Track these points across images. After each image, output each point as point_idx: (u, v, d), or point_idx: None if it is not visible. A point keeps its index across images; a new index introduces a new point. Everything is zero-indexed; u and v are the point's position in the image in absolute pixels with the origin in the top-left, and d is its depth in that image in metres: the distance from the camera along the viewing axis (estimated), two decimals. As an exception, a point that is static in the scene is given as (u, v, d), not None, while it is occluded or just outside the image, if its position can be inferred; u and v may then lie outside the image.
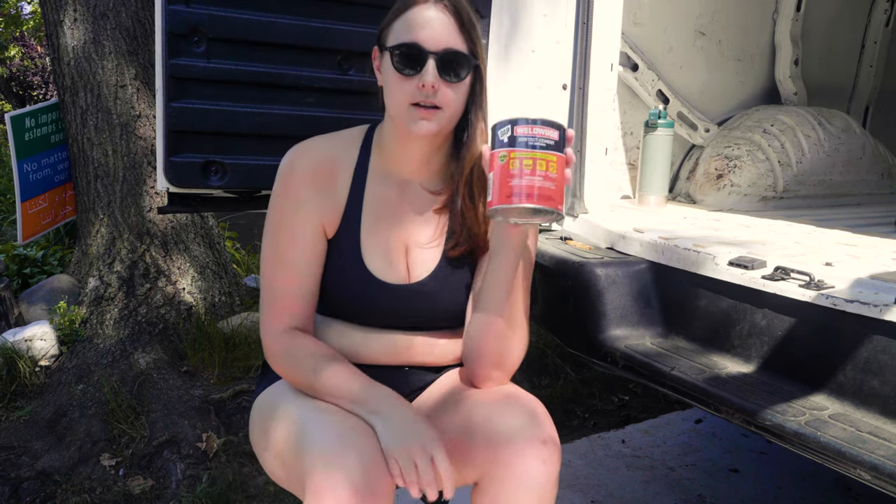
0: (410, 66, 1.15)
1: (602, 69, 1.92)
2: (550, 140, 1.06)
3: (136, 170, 3.18)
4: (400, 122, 1.19)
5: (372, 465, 1.05)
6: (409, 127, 1.18)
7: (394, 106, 1.19)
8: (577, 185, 1.94)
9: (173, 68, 1.63)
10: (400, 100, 1.17)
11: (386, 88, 1.21)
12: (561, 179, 1.07)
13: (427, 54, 1.15)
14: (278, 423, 1.19)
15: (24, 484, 2.30)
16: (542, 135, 1.05)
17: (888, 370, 1.16)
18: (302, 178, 1.24)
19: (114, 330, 2.98)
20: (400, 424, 1.11)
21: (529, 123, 1.06)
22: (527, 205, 1.05)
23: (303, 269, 1.24)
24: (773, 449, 2.66)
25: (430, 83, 1.14)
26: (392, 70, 1.17)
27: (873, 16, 2.97)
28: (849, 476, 1.12)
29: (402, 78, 1.16)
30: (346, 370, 1.19)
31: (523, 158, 1.05)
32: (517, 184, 1.05)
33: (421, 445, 1.08)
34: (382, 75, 1.22)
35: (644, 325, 1.60)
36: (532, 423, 1.13)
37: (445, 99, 1.17)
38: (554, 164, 1.05)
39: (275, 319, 1.24)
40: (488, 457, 1.12)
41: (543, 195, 1.04)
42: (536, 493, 1.10)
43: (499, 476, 1.11)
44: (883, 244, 1.72)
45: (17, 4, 7.67)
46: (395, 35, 1.18)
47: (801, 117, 2.54)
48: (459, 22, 1.18)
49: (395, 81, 1.17)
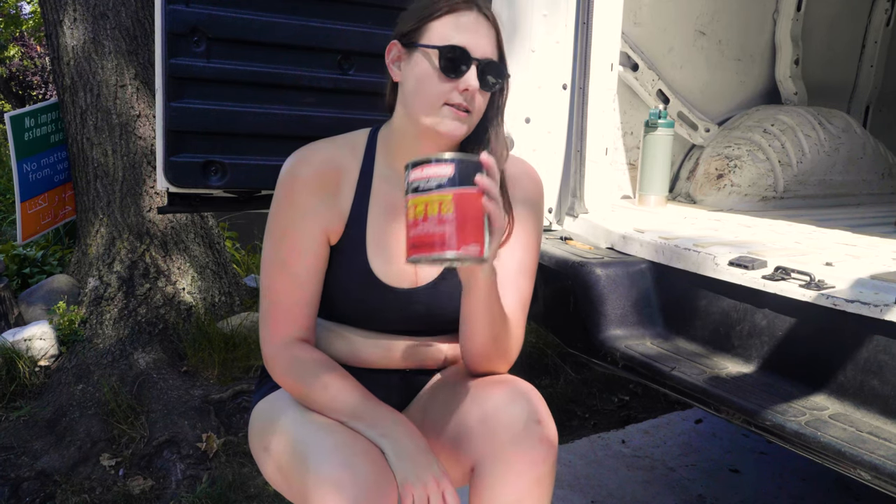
0: (455, 69, 1.15)
1: (602, 69, 1.92)
2: (442, 177, 0.96)
3: (135, 170, 3.18)
4: (427, 121, 1.17)
5: (373, 485, 1.05)
6: (440, 126, 1.16)
7: (423, 104, 1.17)
8: (577, 185, 1.94)
9: (173, 68, 1.62)
10: (434, 97, 1.16)
11: (416, 85, 1.18)
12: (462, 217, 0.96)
13: (472, 60, 1.16)
14: (278, 437, 1.19)
15: (23, 484, 2.30)
16: (433, 175, 0.96)
17: (888, 370, 1.16)
18: (304, 186, 1.22)
19: (113, 330, 2.98)
20: (413, 456, 1.12)
21: (421, 164, 0.98)
22: (417, 257, 0.97)
23: (305, 280, 1.23)
24: (773, 449, 2.66)
25: (474, 88, 1.15)
26: (433, 69, 1.16)
27: (874, 16, 2.97)
28: (849, 476, 1.12)
29: (444, 78, 1.15)
30: (347, 384, 1.19)
31: (416, 206, 0.97)
32: (412, 234, 0.98)
33: (436, 481, 1.09)
34: (406, 71, 1.20)
35: (644, 325, 1.60)
36: (531, 417, 1.12)
37: (477, 105, 1.18)
38: (449, 203, 0.95)
39: (275, 330, 1.23)
40: (486, 450, 1.11)
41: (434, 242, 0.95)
42: (534, 487, 1.10)
43: (497, 469, 1.10)
44: (883, 244, 1.72)
45: (17, 4, 7.68)
46: (438, 35, 1.16)
47: (802, 117, 2.54)
48: (496, 32, 1.20)
49: (435, 80, 1.16)
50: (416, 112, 1.18)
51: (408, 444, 1.13)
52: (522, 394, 1.15)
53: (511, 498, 1.09)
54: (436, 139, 1.19)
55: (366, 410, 1.16)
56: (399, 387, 1.33)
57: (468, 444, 1.14)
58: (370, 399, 1.18)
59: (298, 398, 1.23)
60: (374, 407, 1.17)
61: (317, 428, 1.15)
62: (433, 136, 1.18)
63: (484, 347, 1.20)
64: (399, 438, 1.13)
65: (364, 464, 1.07)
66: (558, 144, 1.95)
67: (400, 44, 1.21)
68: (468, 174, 0.97)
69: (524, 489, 1.09)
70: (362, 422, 1.15)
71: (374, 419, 1.15)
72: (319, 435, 1.13)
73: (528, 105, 1.91)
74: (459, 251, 0.96)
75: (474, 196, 0.98)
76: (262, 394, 1.34)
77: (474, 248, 0.97)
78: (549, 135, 1.94)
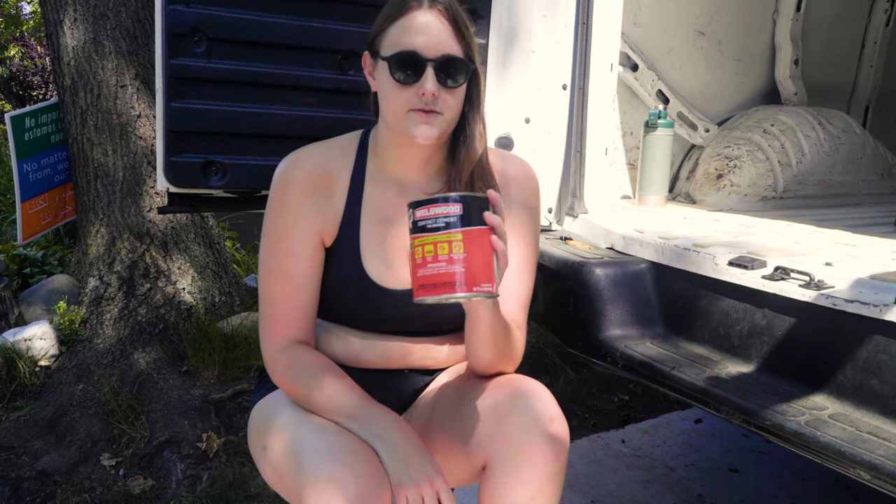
0: (409, 75, 1.13)
1: (602, 69, 1.92)
2: (451, 216, 0.96)
3: (135, 170, 3.18)
4: (399, 129, 1.18)
5: (366, 485, 1.06)
6: (411, 132, 1.16)
7: (391, 113, 1.17)
8: (577, 185, 1.94)
9: (173, 68, 1.63)
10: (398, 107, 1.16)
11: (382, 95, 1.19)
12: (472, 256, 0.96)
13: (426, 62, 1.13)
14: (274, 437, 1.20)
15: (24, 484, 2.30)
16: (441, 213, 0.96)
17: (888, 370, 1.16)
18: (298, 190, 1.22)
19: (114, 330, 2.98)
20: (407, 456, 1.12)
21: (427, 204, 0.98)
22: (427, 298, 0.97)
23: (302, 282, 1.23)
24: (773, 449, 2.66)
25: (430, 91, 1.12)
26: (389, 78, 1.15)
27: (873, 16, 2.97)
28: (848, 476, 1.12)
29: (400, 86, 1.14)
30: (344, 386, 1.19)
31: (423, 245, 0.97)
32: (421, 274, 0.98)
33: (429, 481, 1.10)
34: (377, 81, 1.20)
35: (644, 325, 1.60)
36: (543, 415, 1.12)
37: (445, 104, 1.16)
38: (459, 244, 0.96)
39: (274, 332, 1.24)
40: (499, 448, 1.11)
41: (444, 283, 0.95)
42: (547, 484, 1.10)
43: (510, 467, 1.10)
44: (883, 244, 1.72)
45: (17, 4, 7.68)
46: (390, 42, 1.16)
47: (801, 117, 2.54)
48: (455, 26, 1.16)
49: (394, 89, 1.15)
50: (389, 122, 1.19)
51: (401, 444, 1.13)
52: (534, 392, 1.16)
53: (525, 495, 1.09)
54: (413, 145, 1.19)
55: (360, 411, 1.17)
56: (400, 387, 1.33)
57: (479, 442, 1.14)
58: (365, 400, 1.19)
59: (296, 400, 1.23)
60: (369, 408, 1.17)
61: (311, 428, 1.15)
62: (409, 141, 1.18)
63: (490, 361, 1.21)
64: (392, 438, 1.14)
65: (357, 464, 1.07)
66: (558, 144, 1.95)
67: (369, 55, 1.21)
68: (476, 212, 0.98)
69: (537, 486, 1.09)
70: (356, 422, 1.16)
71: (368, 420, 1.16)
72: (314, 435, 1.13)
73: (528, 105, 1.91)
74: (471, 292, 0.96)
75: (483, 234, 0.98)
76: (261, 394, 1.34)
77: (486, 286, 0.97)
78: (549, 135, 1.94)
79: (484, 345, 1.18)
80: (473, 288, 0.96)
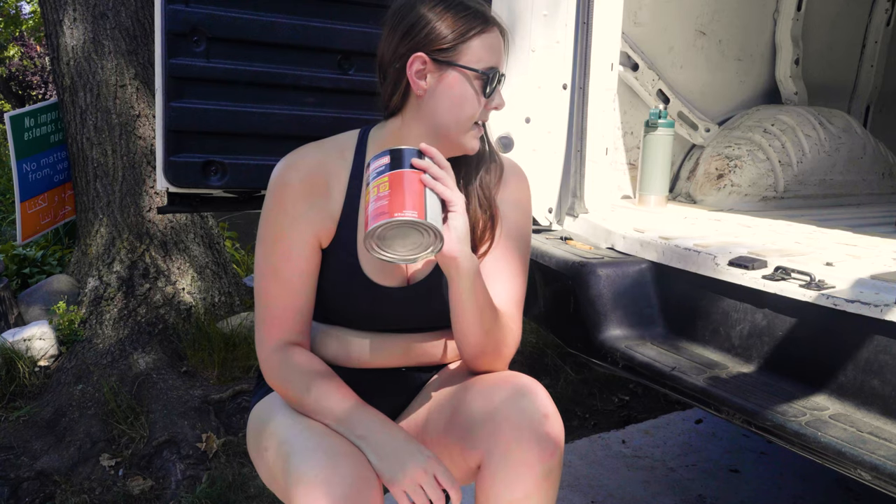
0: (491, 90, 1.21)
1: (602, 69, 1.92)
2: (381, 166, 1.09)
3: (135, 170, 3.18)
4: (457, 138, 1.22)
5: (353, 486, 1.06)
6: (469, 144, 1.23)
7: (457, 122, 1.20)
8: (577, 184, 1.94)
9: (173, 68, 1.62)
10: (467, 118, 1.21)
11: (450, 103, 1.20)
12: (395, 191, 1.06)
13: (502, 79, 1.23)
14: (268, 440, 1.21)
15: (23, 484, 2.30)
16: (375, 167, 1.09)
17: (889, 370, 1.16)
18: (295, 193, 1.22)
19: (113, 330, 2.98)
20: (394, 452, 1.12)
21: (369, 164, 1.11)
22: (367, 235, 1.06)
23: (298, 285, 1.23)
24: (773, 449, 2.66)
25: (503, 105, 1.23)
26: (471, 89, 1.19)
27: (874, 15, 2.97)
28: (849, 476, 1.12)
29: (482, 99, 1.21)
30: (332, 389, 1.19)
31: (367, 193, 1.09)
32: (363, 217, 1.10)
33: (422, 469, 1.10)
34: (441, 87, 1.19)
35: (644, 326, 1.60)
36: (538, 412, 1.12)
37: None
38: (385, 185, 1.07)
39: (269, 334, 1.24)
40: (493, 446, 1.11)
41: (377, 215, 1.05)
42: (542, 482, 1.10)
43: (505, 465, 1.10)
44: (883, 244, 1.72)
45: (17, 4, 7.68)
46: (476, 56, 1.19)
47: (802, 117, 2.54)
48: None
49: (472, 100, 1.20)
50: (447, 128, 1.21)
51: (386, 442, 1.13)
52: (529, 389, 1.15)
53: (520, 493, 1.09)
54: (456, 151, 1.23)
55: (347, 415, 1.17)
56: (397, 385, 1.33)
57: (475, 440, 1.14)
58: (353, 403, 1.19)
59: (288, 402, 1.24)
60: (357, 410, 1.18)
61: (302, 429, 1.16)
62: (456, 149, 1.23)
63: (477, 342, 1.20)
64: (376, 439, 1.14)
65: (345, 465, 1.08)
66: (558, 144, 1.95)
67: (430, 58, 1.18)
68: (407, 160, 1.09)
69: (533, 484, 1.09)
70: (343, 426, 1.16)
71: (353, 423, 1.16)
72: (304, 436, 1.14)
73: (528, 105, 1.91)
74: (392, 217, 1.04)
75: (411, 174, 1.08)
76: (259, 396, 1.35)
77: (410, 213, 1.05)
78: (549, 135, 1.94)
79: (467, 316, 1.17)
80: (395, 214, 1.04)
